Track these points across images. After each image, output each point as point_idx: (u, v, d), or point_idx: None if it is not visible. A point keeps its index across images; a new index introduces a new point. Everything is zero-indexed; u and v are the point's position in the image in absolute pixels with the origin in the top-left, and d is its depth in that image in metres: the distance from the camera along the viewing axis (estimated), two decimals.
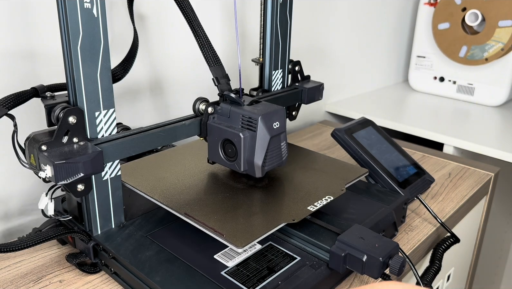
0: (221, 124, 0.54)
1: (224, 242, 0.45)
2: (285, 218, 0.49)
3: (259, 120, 0.51)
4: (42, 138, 0.45)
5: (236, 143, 0.53)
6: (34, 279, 0.50)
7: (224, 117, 0.55)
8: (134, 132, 0.51)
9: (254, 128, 0.52)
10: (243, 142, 0.52)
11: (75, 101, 0.46)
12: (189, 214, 0.49)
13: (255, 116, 0.52)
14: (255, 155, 0.52)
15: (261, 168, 0.53)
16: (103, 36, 0.46)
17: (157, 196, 0.52)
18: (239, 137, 0.52)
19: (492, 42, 1.11)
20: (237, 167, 0.54)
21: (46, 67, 0.61)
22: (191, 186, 0.56)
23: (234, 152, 0.53)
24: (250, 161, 0.53)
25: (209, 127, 0.56)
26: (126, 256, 0.47)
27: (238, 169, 0.54)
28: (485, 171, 0.83)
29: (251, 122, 0.52)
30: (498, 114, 1.12)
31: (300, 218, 0.49)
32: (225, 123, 0.55)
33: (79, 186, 0.47)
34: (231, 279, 0.45)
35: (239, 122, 0.53)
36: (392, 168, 0.65)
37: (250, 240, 0.44)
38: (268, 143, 0.52)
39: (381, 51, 1.30)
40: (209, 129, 0.56)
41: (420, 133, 1.00)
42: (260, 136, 0.52)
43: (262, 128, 0.52)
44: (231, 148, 0.54)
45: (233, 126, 0.53)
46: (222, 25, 0.82)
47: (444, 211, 0.69)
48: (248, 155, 0.53)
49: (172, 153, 0.65)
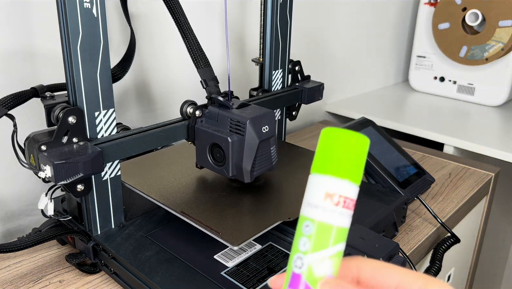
0: (209, 128, 0.53)
1: (220, 240, 0.45)
2: (281, 216, 0.49)
3: (248, 124, 0.50)
4: (41, 139, 0.45)
5: (224, 148, 0.51)
6: (34, 279, 0.50)
7: (212, 121, 0.53)
8: (134, 132, 0.51)
9: (243, 132, 0.50)
10: (231, 146, 0.51)
11: (74, 101, 0.46)
12: (186, 212, 0.49)
13: (244, 120, 0.50)
14: (243, 160, 0.51)
15: (249, 173, 0.52)
16: (102, 36, 0.46)
17: (154, 194, 0.52)
18: (227, 142, 0.51)
19: (492, 42, 1.11)
20: (225, 172, 0.52)
21: (46, 67, 0.61)
22: (188, 185, 0.55)
23: (222, 156, 0.52)
24: (238, 166, 0.51)
25: (197, 131, 0.54)
26: (126, 256, 0.47)
27: (226, 174, 0.52)
28: (485, 171, 0.83)
29: (239, 126, 0.51)
30: (498, 114, 1.12)
31: (297, 216, 0.49)
32: (213, 127, 0.53)
33: (79, 186, 0.47)
34: (231, 279, 0.45)
35: (227, 126, 0.52)
36: (392, 168, 0.65)
37: (246, 238, 0.44)
38: (257, 148, 0.51)
39: (381, 51, 1.30)
40: (197, 133, 0.54)
41: (420, 133, 1.00)
42: (248, 140, 0.51)
43: (251, 132, 0.50)
44: (219, 152, 0.52)
45: (221, 130, 0.52)
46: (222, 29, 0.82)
47: (444, 211, 0.68)
48: (236, 159, 0.51)
49: (169, 152, 0.65)
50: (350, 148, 0.23)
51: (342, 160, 0.23)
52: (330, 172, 0.23)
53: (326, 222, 0.23)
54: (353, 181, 0.24)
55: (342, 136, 0.23)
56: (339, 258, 0.24)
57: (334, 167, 0.23)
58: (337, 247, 0.24)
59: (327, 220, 0.23)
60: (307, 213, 0.24)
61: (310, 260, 0.23)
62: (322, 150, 0.24)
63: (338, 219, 0.23)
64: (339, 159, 0.23)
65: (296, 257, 0.24)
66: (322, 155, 0.24)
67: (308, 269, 0.23)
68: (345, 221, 0.24)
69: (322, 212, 0.23)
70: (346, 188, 0.23)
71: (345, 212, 0.23)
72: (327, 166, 0.24)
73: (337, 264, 0.24)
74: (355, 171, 0.24)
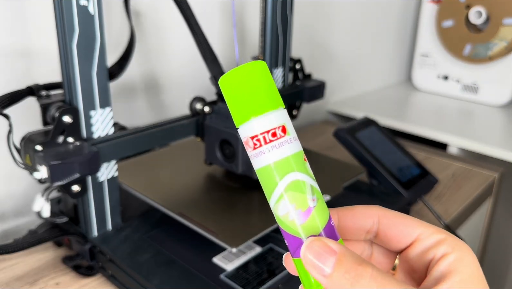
0: (219, 124, 0.53)
1: (219, 241, 0.44)
2: None
3: None
4: (37, 138, 0.44)
5: (234, 144, 0.51)
6: (30, 281, 0.49)
7: (222, 117, 0.53)
8: (131, 132, 0.50)
9: None
10: (241, 143, 0.51)
11: (70, 100, 0.45)
12: (184, 214, 0.48)
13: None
14: None
15: None
16: (99, 34, 0.45)
17: (151, 195, 0.52)
18: (237, 138, 0.51)
19: (496, 41, 1.09)
20: (235, 168, 0.52)
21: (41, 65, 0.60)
22: (186, 185, 0.55)
23: (232, 152, 0.52)
24: (248, 162, 0.52)
25: (206, 128, 0.54)
26: (123, 259, 0.47)
27: (235, 170, 0.52)
28: (490, 172, 0.82)
29: None
30: (503, 113, 1.11)
31: None
32: (222, 123, 0.53)
33: (75, 187, 0.46)
34: (231, 282, 0.44)
35: None
36: (395, 168, 0.64)
37: (244, 240, 0.43)
38: None
39: (384, 49, 1.29)
40: (206, 130, 0.54)
41: (423, 133, 0.98)
42: None
43: None
44: (228, 149, 0.53)
45: (230, 127, 0.52)
46: (220, 23, 0.81)
47: (447, 212, 0.67)
48: (245, 155, 0.51)
49: (168, 152, 0.64)
50: (239, 86, 0.22)
51: (239, 102, 0.22)
52: (237, 122, 0.23)
53: (257, 167, 0.23)
54: (260, 113, 0.22)
55: (234, 77, 0.22)
56: (295, 189, 0.22)
57: (237, 114, 0.22)
58: (281, 184, 0.22)
59: (256, 165, 0.23)
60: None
61: (272, 207, 0.23)
62: (228, 100, 0.23)
63: (264, 158, 0.22)
64: (236, 104, 0.22)
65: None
66: (230, 106, 0.23)
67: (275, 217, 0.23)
68: (272, 155, 0.22)
69: (252, 160, 0.23)
70: (252, 127, 0.22)
71: (265, 148, 0.22)
72: (234, 117, 0.23)
73: (295, 197, 0.22)
74: (256, 102, 0.22)
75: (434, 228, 0.24)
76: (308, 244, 0.22)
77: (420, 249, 0.24)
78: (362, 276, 0.20)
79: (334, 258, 0.21)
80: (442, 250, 0.23)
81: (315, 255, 0.21)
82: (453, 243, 0.23)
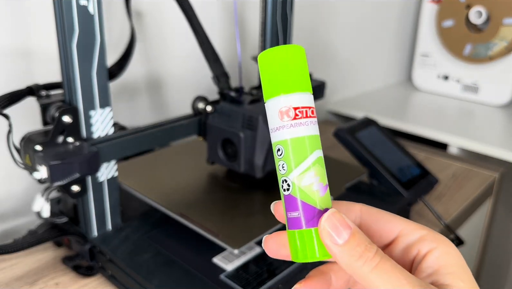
0: (221, 123, 0.53)
1: (220, 242, 0.44)
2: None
3: (260, 119, 0.50)
4: (37, 138, 0.44)
5: (236, 143, 0.52)
6: (30, 281, 0.49)
7: (224, 117, 0.54)
8: (131, 132, 0.50)
9: (255, 127, 0.51)
10: (243, 142, 0.51)
11: (70, 100, 0.45)
12: (185, 214, 0.48)
13: (256, 115, 0.50)
14: (255, 155, 0.51)
15: (261, 168, 0.52)
16: (99, 34, 0.45)
17: (152, 196, 0.52)
18: (239, 137, 0.51)
19: (496, 41, 1.09)
20: (237, 167, 0.53)
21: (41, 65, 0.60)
22: (186, 186, 0.55)
23: (234, 151, 0.52)
24: (250, 161, 0.52)
25: (209, 127, 0.54)
26: (123, 259, 0.46)
27: (238, 169, 0.53)
28: (490, 172, 0.82)
29: (252, 122, 0.51)
30: (503, 113, 1.11)
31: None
32: (225, 122, 0.53)
33: (75, 187, 0.46)
34: (231, 282, 0.44)
35: (239, 122, 0.52)
36: (396, 168, 0.64)
37: (246, 241, 0.43)
38: (269, 143, 0.51)
39: (384, 49, 1.29)
40: (209, 129, 0.55)
41: (423, 133, 0.98)
42: (260, 135, 0.51)
43: (263, 128, 0.51)
44: (231, 148, 0.53)
45: (233, 126, 0.52)
46: (221, 23, 0.81)
47: (448, 212, 0.67)
48: (248, 154, 0.52)
49: (168, 152, 0.64)
50: (287, 62, 0.24)
51: (284, 76, 0.24)
52: (277, 92, 0.24)
53: (291, 137, 0.24)
54: (302, 91, 0.24)
55: (275, 54, 0.24)
56: (320, 165, 0.25)
57: (279, 86, 0.24)
58: (311, 157, 0.24)
59: (290, 135, 0.24)
60: (274, 139, 0.25)
61: (293, 177, 0.24)
62: (264, 75, 0.25)
63: (300, 130, 0.24)
64: (281, 77, 0.24)
65: (281, 182, 0.25)
66: (265, 80, 0.25)
67: (294, 187, 0.24)
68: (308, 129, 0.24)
69: (283, 130, 0.24)
70: (296, 99, 0.24)
71: (304, 121, 0.24)
72: (273, 88, 0.24)
73: (320, 172, 0.25)
74: (299, 81, 0.24)
75: (415, 224, 0.26)
76: (330, 214, 0.24)
77: (403, 244, 0.25)
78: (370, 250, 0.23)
79: (349, 231, 0.23)
80: (427, 245, 0.24)
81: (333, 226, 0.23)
82: (435, 238, 0.24)
